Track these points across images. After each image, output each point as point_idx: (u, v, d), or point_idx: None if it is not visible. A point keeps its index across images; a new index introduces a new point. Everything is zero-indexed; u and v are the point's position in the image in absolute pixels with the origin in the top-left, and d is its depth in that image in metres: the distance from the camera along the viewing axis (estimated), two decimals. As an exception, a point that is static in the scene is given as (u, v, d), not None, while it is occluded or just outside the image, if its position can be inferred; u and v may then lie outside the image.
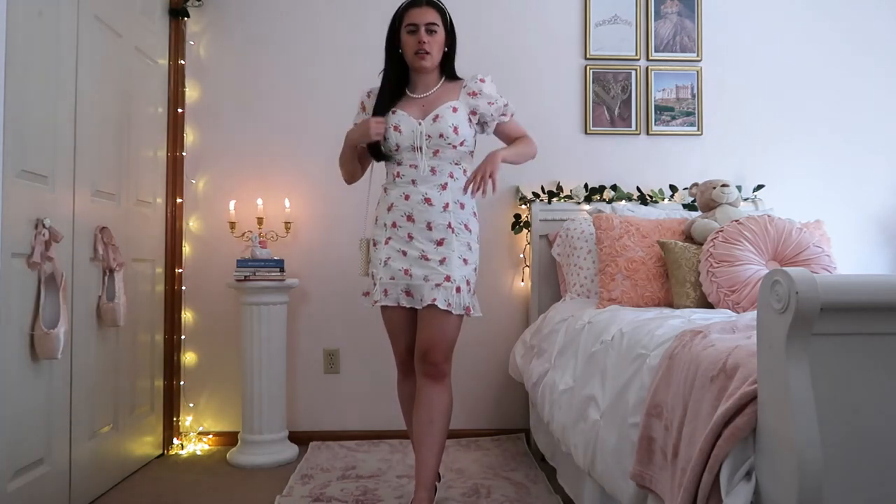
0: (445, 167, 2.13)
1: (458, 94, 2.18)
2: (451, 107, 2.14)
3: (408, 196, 2.12)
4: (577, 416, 1.98)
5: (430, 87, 2.20)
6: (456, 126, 2.11)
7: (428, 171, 2.12)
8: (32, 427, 2.02)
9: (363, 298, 2.24)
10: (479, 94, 2.18)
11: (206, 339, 3.16)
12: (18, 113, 1.93)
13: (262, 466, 2.79)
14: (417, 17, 2.12)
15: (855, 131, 3.38)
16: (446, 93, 2.18)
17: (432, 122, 2.11)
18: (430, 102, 2.16)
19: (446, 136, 2.10)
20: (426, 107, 2.15)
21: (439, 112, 2.12)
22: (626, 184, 3.26)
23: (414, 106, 2.17)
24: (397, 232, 2.13)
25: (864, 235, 3.35)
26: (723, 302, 2.32)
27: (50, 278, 2.05)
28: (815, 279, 0.98)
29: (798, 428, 0.97)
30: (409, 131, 2.11)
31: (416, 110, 2.16)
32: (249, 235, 3.05)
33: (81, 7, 2.30)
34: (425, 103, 2.17)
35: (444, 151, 2.12)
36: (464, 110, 2.15)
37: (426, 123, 2.11)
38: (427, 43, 2.11)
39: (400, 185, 2.15)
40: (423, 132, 2.10)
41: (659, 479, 1.42)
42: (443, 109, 2.13)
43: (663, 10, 3.33)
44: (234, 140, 3.20)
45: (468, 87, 2.19)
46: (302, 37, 3.24)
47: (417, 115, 2.14)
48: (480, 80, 2.20)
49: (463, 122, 2.13)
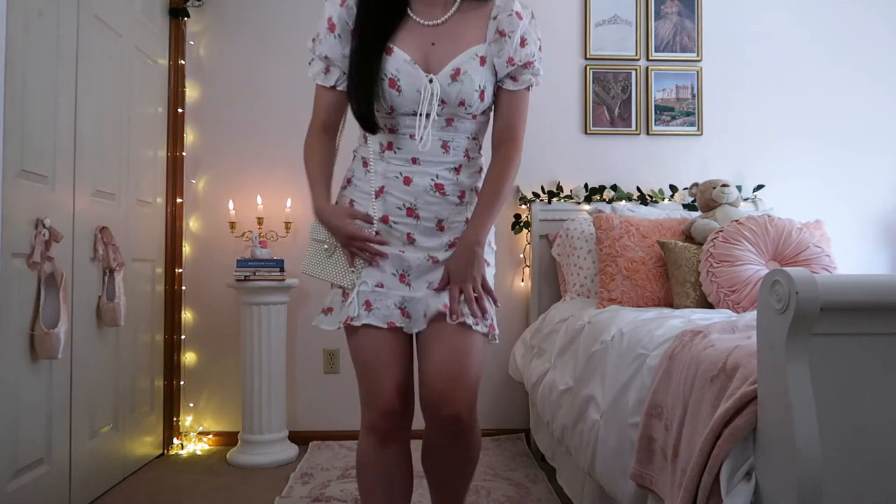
0: (461, 142, 1.44)
1: (485, 27, 1.43)
2: (478, 55, 1.40)
3: (409, 179, 1.41)
4: (577, 416, 1.98)
5: (441, 4, 1.43)
6: (483, 89, 1.41)
7: (438, 146, 1.41)
8: (32, 427, 2.01)
9: (320, 318, 1.48)
10: (509, 37, 1.41)
11: (206, 339, 3.16)
12: (18, 113, 1.93)
13: (262, 466, 2.79)
14: None
15: (855, 131, 3.38)
16: (468, 21, 1.43)
17: (451, 82, 1.38)
18: (444, 37, 1.41)
19: (469, 103, 1.40)
20: (438, 45, 1.40)
21: (462, 64, 1.38)
22: (626, 184, 3.26)
23: (417, 40, 1.40)
24: (391, 231, 1.43)
25: (865, 235, 3.35)
26: (723, 302, 2.32)
27: (50, 278, 2.05)
28: (815, 279, 0.98)
29: (798, 428, 0.97)
30: (411, 90, 1.37)
31: (420, 49, 1.40)
32: (249, 235, 3.05)
33: (81, 7, 2.30)
34: (436, 38, 1.41)
35: (461, 122, 1.43)
36: (491, 58, 1.43)
37: (441, 81, 1.37)
38: None
39: (393, 161, 1.42)
40: (435, 93, 1.37)
41: (659, 479, 1.42)
42: (466, 60, 1.39)
43: (663, 10, 3.33)
44: (234, 140, 3.20)
45: (499, 19, 1.42)
46: (302, 36, 3.21)
47: (423, 58, 1.39)
48: (517, 14, 1.42)
49: (491, 81, 1.44)
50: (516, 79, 1.45)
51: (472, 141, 1.47)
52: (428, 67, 1.39)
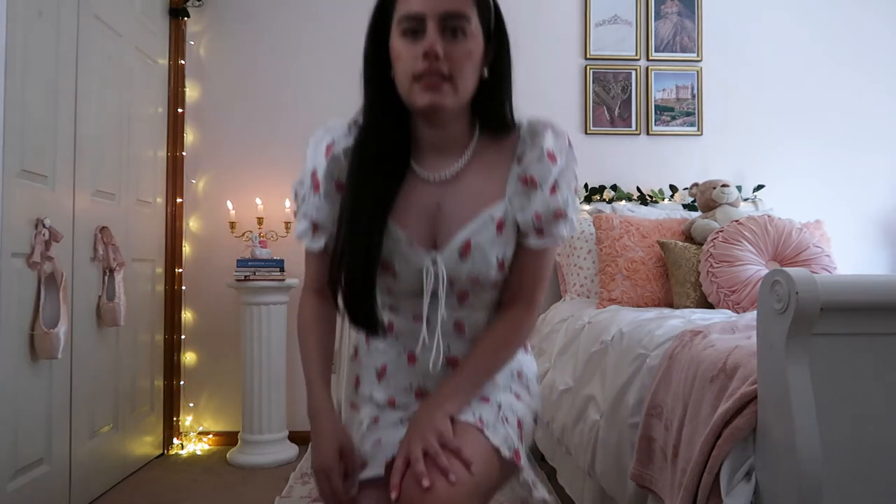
0: (478, 317, 1.13)
1: (506, 174, 1.10)
2: (494, 219, 1.07)
3: (413, 357, 1.12)
4: (577, 416, 1.98)
5: (452, 149, 1.11)
6: (503, 259, 1.09)
7: (450, 326, 1.11)
8: (32, 427, 2.01)
9: None
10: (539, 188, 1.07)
11: (206, 339, 3.16)
12: (18, 113, 1.93)
13: (262, 466, 2.78)
14: (423, 2, 1.01)
15: (855, 131, 3.37)
16: (485, 170, 1.10)
17: (459, 259, 1.06)
18: (453, 197, 1.08)
19: (484, 279, 1.08)
20: (445, 209, 1.08)
21: (473, 235, 1.06)
22: (626, 184, 3.26)
23: (420, 205, 1.08)
24: (394, 413, 1.13)
25: (865, 235, 3.35)
26: (723, 302, 2.32)
27: (50, 278, 2.05)
28: (815, 279, 0.98)
29: (798, 428, 0.97)
30: (410, 272, 1.07)
31: (422, 218, 1.08)
32: (249, 235, 3.05)
33: (81, 7, 2.30)
34: (443, 197, 1.08)
35: (478, 296, 1.11)
36: (512, 218, 1.09)
37: (447, 260, 1.06)
38: (443, 59, 1.00)
39: (393, 342, 1.14)
40: (441, 276, 1.06)
41: (659, 479, 1.42)
42: (478, 229, 1.06)
43: (663, 10, 3.33)
44: (234, 140, 3.20)
45: (526, 163, 1.09)
46: (302, 36, 3.24)
47: (426, 229, 1.08)
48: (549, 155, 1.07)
49: (512, 244, 1.10)
50: (543, 233, 1.09)
51: (493, 311, 1.15)
52: (431, 240, 1.07)
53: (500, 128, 1.11)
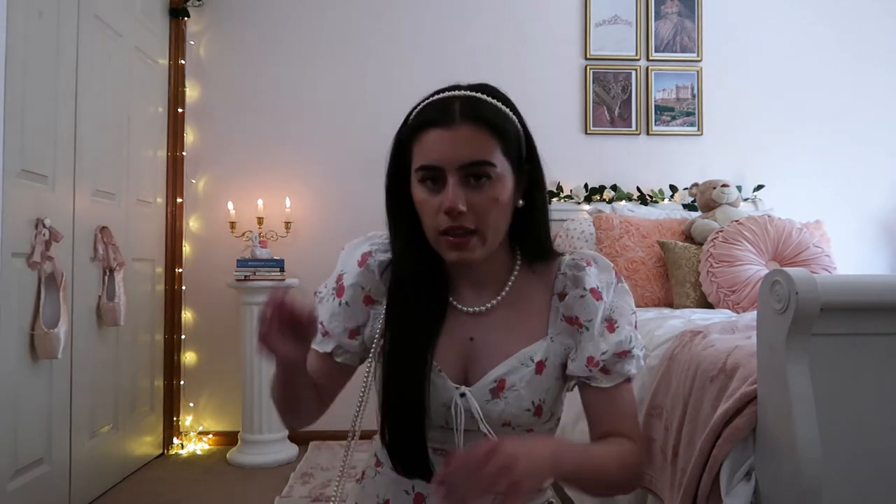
0: None
1: (548, 312, 1.00)
2: (534, 360, 0.96)
3: (420, 498, 0.98)
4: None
5: (489, 282, 1.00)
6: (541, 404, 0.97)
7: None
8: (32, 427, 2.01)
9: None
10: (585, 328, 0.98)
11: (206, 339, 3.16)
12: (18, 113, 1.93)
13: (262, 466, 2.78)
14: (440, 153, 0.89)
15: (855, 131, 3.38)
16: (525, 305, 1.00)
17: (490, 398, 0.95)
18: (488, 330, 0.98)
19: (517, 423, 0.96)
20: (478, 342, 0.98)
21: (508, 374, 0.95)
22: (626, 184, 3.26)
23: (452, 335, 0.98)
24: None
25: (864, 235, 3.35)
26: (723, 302, 2.32)
27: (50, 278, 2.05)
28: (815, 279, 0.98)
29: (798, 428, 0.97)
30: (436, 405, 0.95)
31: (452, 349, 0.97)
32: (249, 235, 3.05)
33: (81, 7, 2.30)
34: (477, 331, 0.98)
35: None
36: (557, 359, 0.98)
37: (477, 397, 0.95)
38: (466, 212, 0.89)
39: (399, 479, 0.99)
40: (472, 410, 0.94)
41: (659, 479, 1.42)
42: (514, 368, 0.95)
43: (663, 10, 3.33)
44: (234, 140, 3.20)
45: (568, 301, 0.99)
46: (302, 36, 3.24)
47: (458, 361, 0.97)
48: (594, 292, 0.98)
49: (555, 389, 0.99)
50: (609, 372, 0.97)
51: None
52: (463, 375, 0.96)
53: (539, 258, 1.01)
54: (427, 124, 0.90)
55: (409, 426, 0.94)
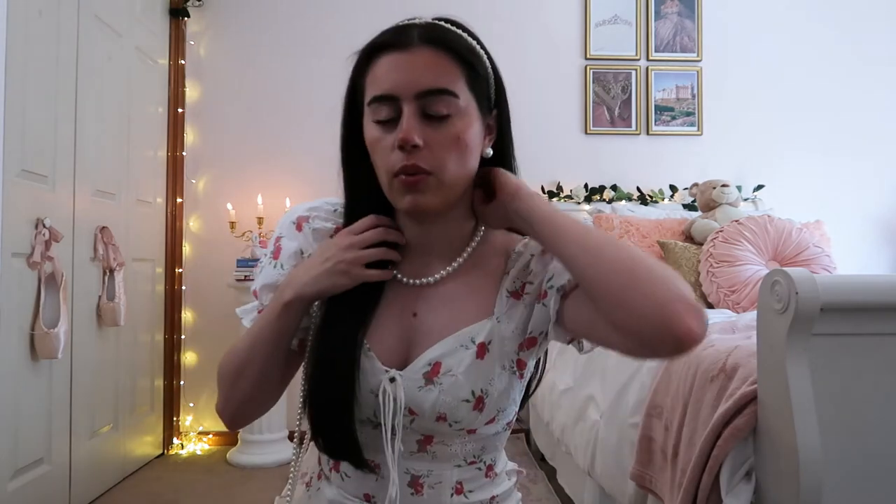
0: (446, 475, 0.85)
1: (500, 284, 0.85)
2: (475, 342, 0.81)
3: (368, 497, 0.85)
4: (577, 416, 1.98)
5: (442, 251, 0.86)
6: (481, 394, 0.81)
7: (404, 485, 0.83)
8: (32, 427, 2.01)
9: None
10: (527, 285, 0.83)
11: (206, 338, 3.16)
12: (18, 113, 1.93)
13: (262, 466, 2.78)
14: (394, 80, 0.76)
15: (855, 131, 3.38)
16: (477, 277, 0.85)
17: (423, 384, 0.80)
18: (433, 305, 0.84)
19: (452, 417, 0.81)
20: (421, 317, 0.84)
21: (445, 356, 0.81)
22: (626, 184, 3.26)
23: (391, 309, 0.84)
24: None
25: (865, 235, 3.35)
26: (723, 302, 2.32)
27: (50, 278, 2.05)
28: (815, 279, 0.98)
29: (798, 428, 0.97)
30: (364, 392, 0.81)
31: (392, 325, 0.84)
32: (249, 235, 3.05)
33: (81, 7, 2.30)
34: (419, 306, 0.85)
35: (444, 443, 0.84)
36: (504, 345, 0.82)
37: (408, 381, 0.81)
38: (423, 149, 0.76)
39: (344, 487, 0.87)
40: (399, 400, 0.79)
41: (659, 479, 1.42)
42: (452, 349, 0.81)
43: (663, 10, 3.33)
44: (233, 140, 3.20)
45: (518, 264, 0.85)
46: (302, 36, 3.24)
47: (396, 340, 0.83)
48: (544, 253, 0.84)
49: (500, 381, 0.82)
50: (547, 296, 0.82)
51: (469, 468, 0.86)
52: (403, 357, 0.82)
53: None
54: (380, 48, 0.78)
55: (332, 415, 0.80)
